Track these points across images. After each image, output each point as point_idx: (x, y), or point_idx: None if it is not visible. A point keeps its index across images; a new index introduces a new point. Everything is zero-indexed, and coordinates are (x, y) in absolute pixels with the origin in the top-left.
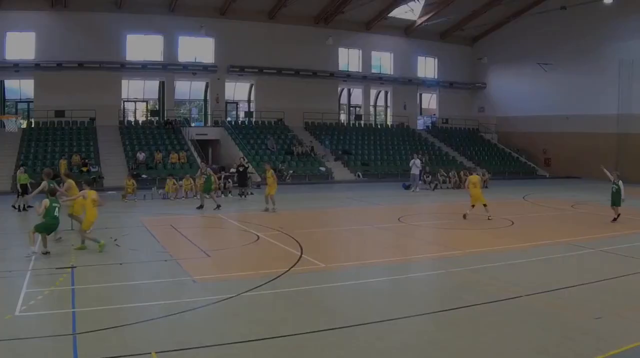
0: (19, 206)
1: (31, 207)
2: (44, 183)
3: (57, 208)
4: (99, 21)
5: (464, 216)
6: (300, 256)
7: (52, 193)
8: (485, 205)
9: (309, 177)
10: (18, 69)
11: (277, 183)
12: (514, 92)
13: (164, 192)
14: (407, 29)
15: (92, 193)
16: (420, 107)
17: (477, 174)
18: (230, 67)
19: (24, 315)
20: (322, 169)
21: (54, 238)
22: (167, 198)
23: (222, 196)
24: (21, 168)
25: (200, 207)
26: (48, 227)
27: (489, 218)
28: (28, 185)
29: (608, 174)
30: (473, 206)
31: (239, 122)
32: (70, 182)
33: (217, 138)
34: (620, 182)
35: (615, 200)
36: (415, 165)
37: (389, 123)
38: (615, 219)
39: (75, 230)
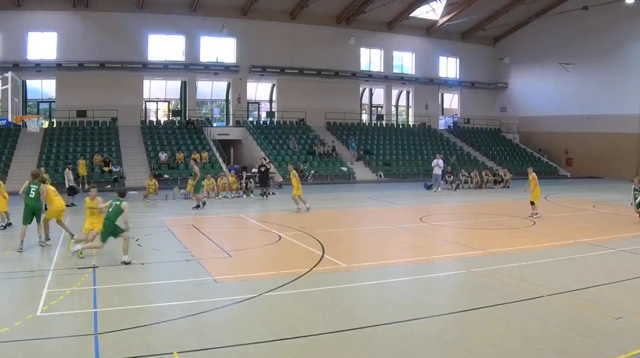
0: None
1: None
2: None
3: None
4: (121, 21)
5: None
6: (322, 256)
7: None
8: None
9: (330, 177)
10: (40, 69)
11: (300, 184)
12: (536, 92)
13: (186, 192)
14: (428, 28)
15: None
16: (442, 107)
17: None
18: (252, 67)
19: (46, 315)
20: (344, 169)
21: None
22: (188, 198)
23: (244, 196)
24: (42, 168)
25: (197, 207)
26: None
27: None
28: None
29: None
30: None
31: (261, 122)
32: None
33: (239, 138)
34: None
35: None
36: (438, 165)
37: (410, 123)
38: None
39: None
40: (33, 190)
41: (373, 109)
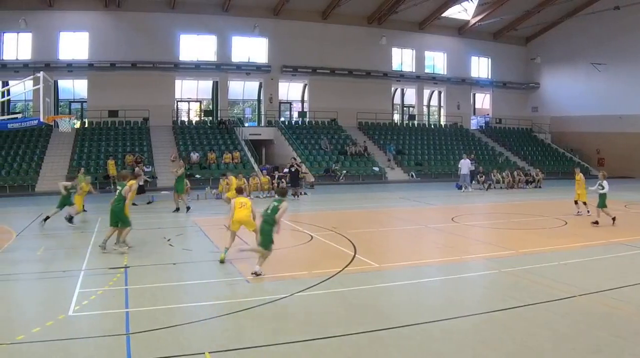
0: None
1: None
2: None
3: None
4: (152, 21)
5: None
6: (354, 256)
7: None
8: (581, 202)
9: (362, 177)
10: (71, 69)
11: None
12: (568, 92)
13: (218, 192)
14: (460, 28)
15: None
16: (473, 107)
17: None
18: (283, 67)
19: (77, 315)
20: (376, 169)
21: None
22: (220, 198)
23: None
24: (82, 169)
25: (177, 210)
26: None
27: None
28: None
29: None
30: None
31: (293, 122)
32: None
33: (270, 138)
34: (605, 182)
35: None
36: (465, 165)
37: (442, 123)
38: (597, 222)
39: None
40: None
41: (405, 109)
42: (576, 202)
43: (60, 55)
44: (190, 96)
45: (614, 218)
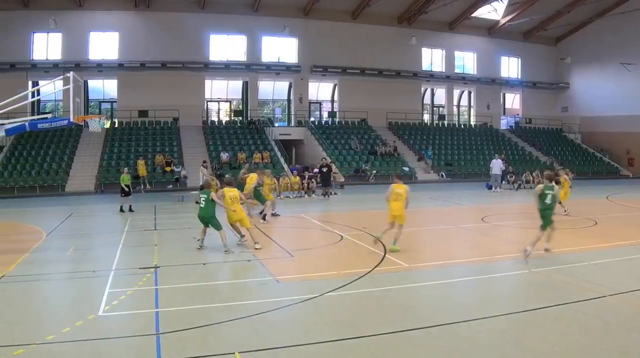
0: (122, 207)
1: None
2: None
3: (202, 199)
4: (182, 21)
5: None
6: (384, 256)
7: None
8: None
9: (392, 177)
10: (101, 69)
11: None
12: (598, 92)
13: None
14: (490, 28)
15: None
16: (503, 107)
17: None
18: (313, 67)
19: (107, 315)
20: (406, 169)
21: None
22: (251, 198)
23: (306, 196)
24: (125, 168)
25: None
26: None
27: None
28: (130, 185)
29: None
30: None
31: (322, 122)
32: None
33: (300, 138)
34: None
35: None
36: (496, 165)
37: (472, 123)
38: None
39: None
40: (203, 199)
41: (435, 109)
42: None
43: (90, 55)
44: (220, 96)
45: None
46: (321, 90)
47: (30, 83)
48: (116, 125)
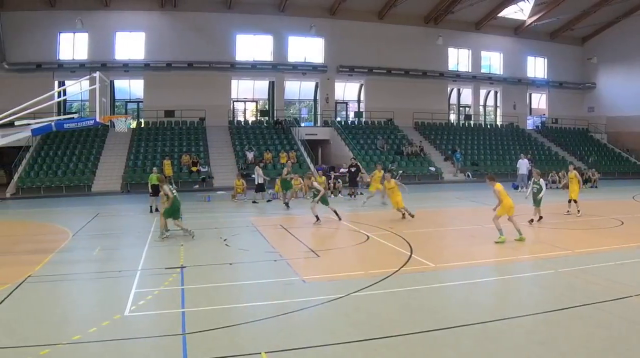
0: (151, 207)
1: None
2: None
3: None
4: (209, 21)
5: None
6: (410, 256)
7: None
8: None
9: (418, 177)
10: (127, 69)
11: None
12: (624, 92)
13: (274, 192)
14: (516, 28)
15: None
16: (529, 107)
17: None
18: (339, 67)
19: (134, 315)
20: (432, 168)
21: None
22: (276, 198)
23: (332, 196)
24: (154, 168)
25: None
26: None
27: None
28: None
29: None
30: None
31: (349, 122)
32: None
33: (326, 138)
34: (542, 181)
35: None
36: (523, 165)
37: (498, 123)
38: (532, 221)
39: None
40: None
41: (461, 109)
42: (569, 201)
43: (116, 55)
44: (247, 96)
45: (531, 221)
46: (347, 90)
47: (56, 83)
48: (142, 125)
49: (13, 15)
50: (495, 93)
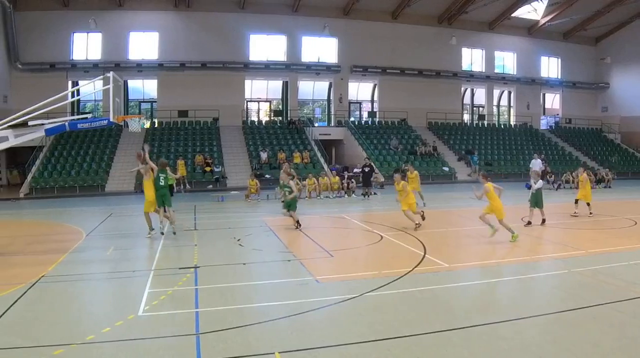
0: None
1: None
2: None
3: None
4: (222, 21)
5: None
6: (424, 256)
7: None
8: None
9: (432, 177)
10: (141, 69)
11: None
12: (638, 92)
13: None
14: (530, 28)
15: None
16: (543, 107)
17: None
18: (353, 67)
19: (147, 315)
20: (446, 169)
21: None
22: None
23: (345, 196)
24: (169, 169)
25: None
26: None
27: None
28: (174, 185)
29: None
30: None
31: (362, 122)
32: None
33: (340, 138)
34: (540, 181)
35: (538, 201)
36: (536, 165)
37: (512, 123)
38: (530, 222)
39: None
40: (162, 178)
41: (474, 108)
42: (576, 201)
43: (130, 55)
44: (260, 96)
45: (528, 223)
46: (361, 90)
47: (70, 83)
48: (156, 125)
49: (27, 15)
50: (509, 93)
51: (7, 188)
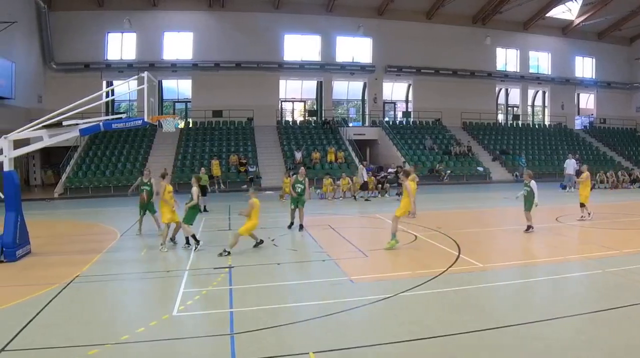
0: (202, 206)
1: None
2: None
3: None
4: (257, 21)
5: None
6: (458, 256)
7: None
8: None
9: (466, 177)
10: (176, 69)
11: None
12: None
13: (322, 192)
14: (564, 28)
15: None
16: (577, 107)
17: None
18: (387, 67)
19: (182, 315)
20: (480, 169)
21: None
22: (324, 198)
23: (379, 196)
24: (202, 169)
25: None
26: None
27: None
28: (207, 186)
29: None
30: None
31: (397, 122)
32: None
33: (374, 138)
34: (533, 183)
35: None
36: (570, 165)
37: (546, 123)
38: (530, 228)
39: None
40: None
41: (509, 108)
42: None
43: (164, 55)
44: (295, 96)
45: (527, 228)
46: (395, 90)
47: (104, 83)
48: (190, 125)
49: (62, 16)
50: (544, 93)
51: (41, 189)
